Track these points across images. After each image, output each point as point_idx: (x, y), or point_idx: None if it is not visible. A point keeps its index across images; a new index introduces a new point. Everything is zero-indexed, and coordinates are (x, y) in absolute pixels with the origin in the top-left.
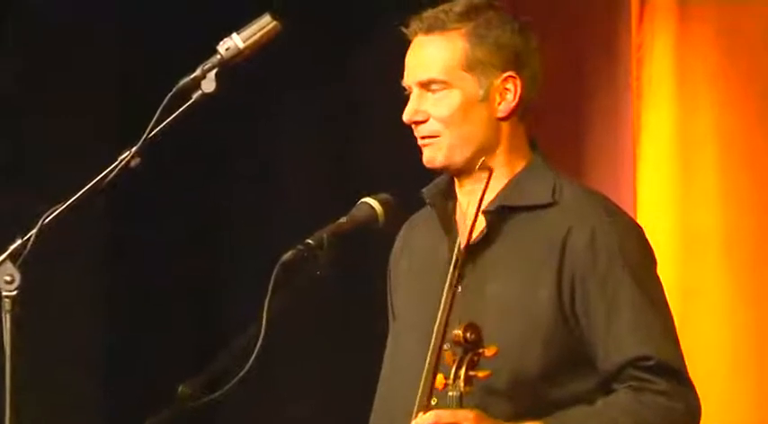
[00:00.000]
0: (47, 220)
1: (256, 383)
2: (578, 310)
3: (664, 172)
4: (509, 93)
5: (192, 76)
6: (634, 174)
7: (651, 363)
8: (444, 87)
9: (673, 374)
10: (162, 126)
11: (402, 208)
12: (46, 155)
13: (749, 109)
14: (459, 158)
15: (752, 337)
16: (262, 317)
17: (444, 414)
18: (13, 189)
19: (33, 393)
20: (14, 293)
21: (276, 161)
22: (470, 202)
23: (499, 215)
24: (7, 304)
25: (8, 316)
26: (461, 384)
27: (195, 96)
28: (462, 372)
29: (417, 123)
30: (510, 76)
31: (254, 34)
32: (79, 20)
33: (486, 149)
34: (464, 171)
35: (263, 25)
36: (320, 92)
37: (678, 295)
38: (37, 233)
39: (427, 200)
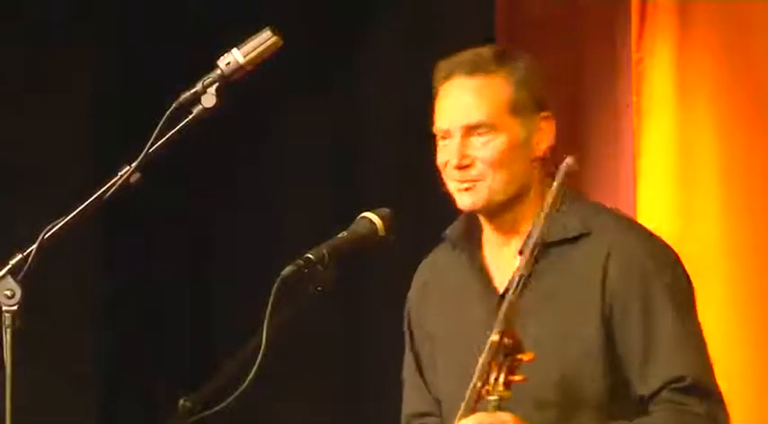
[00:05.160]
0: (47, 235)
1: (256, 395)
2: (617, 333)
3: (664, 186)
4: (546, 134)
5: (193, 91)
6: (634, 188)
7: (686, 383)
8: (491, 130)
9: (707, 394)
10: (162, 141)
11: (400, 223)
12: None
13: (750, 122)
14: (498, 201)
15: (754, 347)
16: (262, 332)
17: (485, 417)
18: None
19: (29, 403)
20: (15, 308)
21: (275, 174)
22: (502, 241)
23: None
24: (8, 318)
25: (8, 331)
26: (501, 388)
27: (196, 111)
28: (502, 377)
29: (464, 168)
30: (547, 117)
31: (255, 49)
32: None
33: (524, 190)
34: (498, 212)
35: (264, 40)
36: (317, 109)
37: None
38: (37, 248)
39: (452, 243)
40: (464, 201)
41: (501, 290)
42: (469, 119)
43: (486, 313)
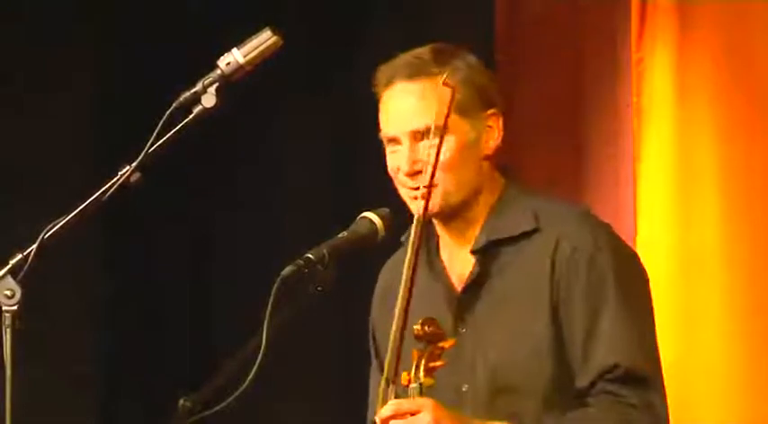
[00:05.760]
0: (47, 235)
1: (256, 395)
2: (562, 320)
3: (663, 187)
4: (495, 131)
5: (193, 91)
6: (634, 191)
7: (619, 372)
8: (440, 134)
9: (642, 382)
10: (162, 141)
11: (401, 223)
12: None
13: (750, 124)
14: (453, 204)
15: (751, 350)
16: (262, 332)
17: (403, 403)
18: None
19: (29, 403)
20: (15, 308)
21: (275, 174)
22: (457, 243)
23: (488, 252)
24: (8, 318)
25: (8, 331)
26: (422, 376)
27: (196, 111)
28: (423, 363)
29: (416, 174)
30: (493, 114)
31: (255, 49)
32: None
33: (476, 190)
34: (453, 215)
35: (264, 40)
36: (317, 109)
37: (679, 313)
38: (37, 248)
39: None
40: (420, 207)
41: (459, 290)
42: (416, 124)
43: (447, 314)
